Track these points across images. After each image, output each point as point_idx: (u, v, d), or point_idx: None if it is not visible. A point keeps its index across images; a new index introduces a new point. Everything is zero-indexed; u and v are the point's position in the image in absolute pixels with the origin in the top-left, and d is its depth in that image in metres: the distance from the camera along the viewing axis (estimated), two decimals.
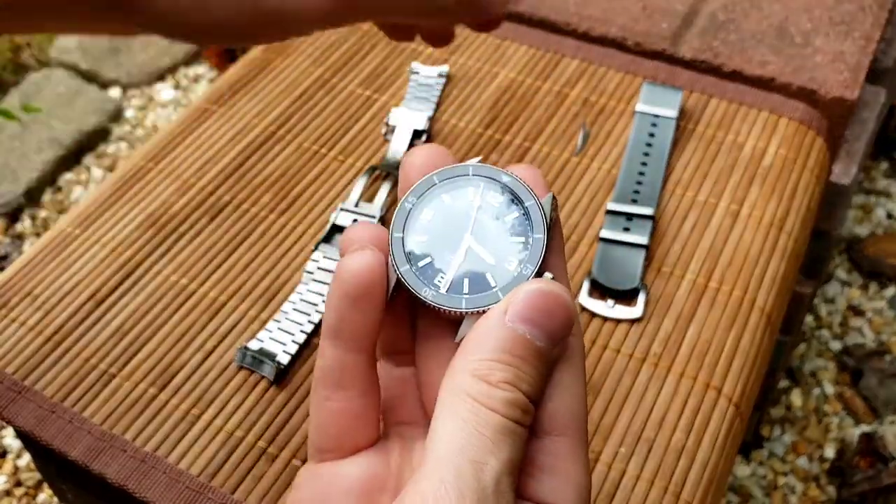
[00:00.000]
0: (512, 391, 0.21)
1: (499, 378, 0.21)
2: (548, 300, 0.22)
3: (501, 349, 0.21)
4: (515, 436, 0.21)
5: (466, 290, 0.23)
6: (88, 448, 0.40)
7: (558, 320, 0.22)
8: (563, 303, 0.22)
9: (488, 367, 0.21)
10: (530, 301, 0.22)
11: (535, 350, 0.22)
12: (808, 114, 0.53)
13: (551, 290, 0.22)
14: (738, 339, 0.43)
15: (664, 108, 0.53)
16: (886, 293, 1.08)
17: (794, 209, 0.49)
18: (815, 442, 0.96)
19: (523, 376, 0.21)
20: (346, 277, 0.23)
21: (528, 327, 0.22)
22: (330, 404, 0.24)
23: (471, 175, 0.24)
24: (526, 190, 0.24)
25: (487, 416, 0.21)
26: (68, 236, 0.49)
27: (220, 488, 0.39)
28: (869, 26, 0.58)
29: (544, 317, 0.22)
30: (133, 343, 0.44)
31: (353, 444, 0.24)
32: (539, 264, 0.23)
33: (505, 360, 0.21)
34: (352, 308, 0.23)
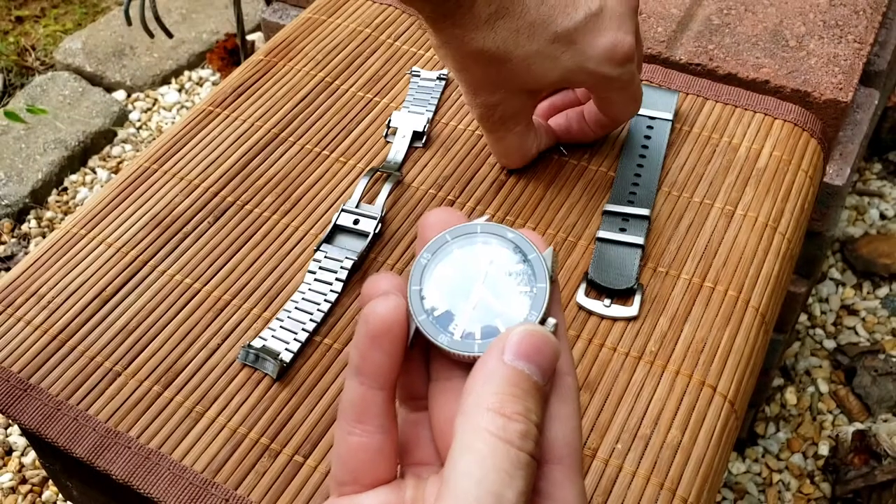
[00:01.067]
0: (525, 422, 0.23)
1: (513, 410, 0.23)
2: (538, 340, 0.24)
3: (509, 384, 0.23)
4: (529, 468, 0.23)
5: (479, 337, 0.25)
6: (93, 445, 0.41)
7: (548, 357, 0.24)
8: (550, 341, 0.24)
9: (501, 401, 0.23)
10: (524, 341, 0.24)
11: (534, 384, 0.24)
12: (802, 116, 0.54)
13: (537, 330, 0.24)
14: (733, 338, 0.44)
15: (660, 111, 0.54)
16: (880, 293, 1.09)
17: (788, 210, 0.50)
18: (809, 439, 0.97)
19: (531, 408, 0.23)
20: (371, 319, 0.25)
21: (526, 364, 0.24)
22: (351, 438, 0.26)
23: (479, 232, 0.27)
24: (529, 245, 0.27)
25: (505, 451, 0.22)
26: (74, 236, 0.49)
27: (223, 484, 0.39)
28: (862, 29, 0.59)
29: (537, 354, 0.24)
30: (138, 341, 0.45)
31: (371, 479, 0.26)
32: (544, 310, 0.25)
33: (513, 394, 0.23)
34: (375, 348, 0.25)
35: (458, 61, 0.43)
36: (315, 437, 0.41)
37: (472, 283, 0.26)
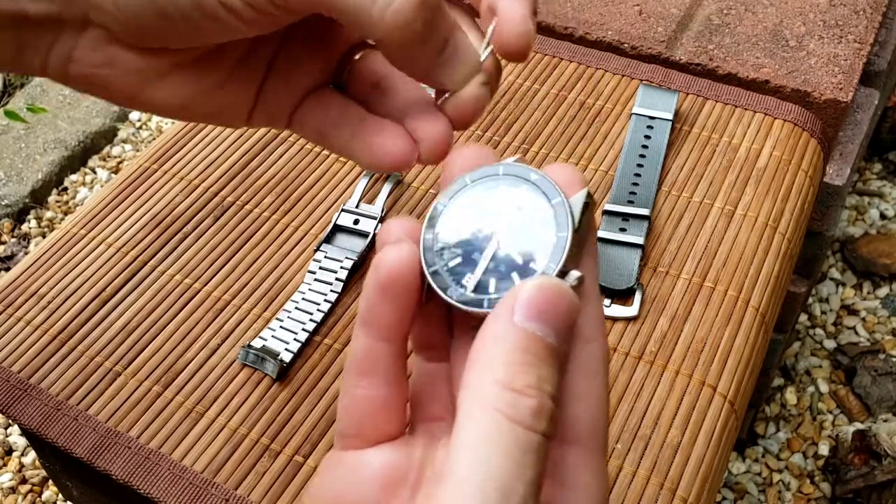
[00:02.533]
0: (539, 396, 0.20)
1: (524, 383, 0.20)
2: (551, 295, 0.21)
3: (520, 350, 0.20)
4: (541, 451, 0.20)
5: (492, 290, 0.23)
6: (93, 445, 0.41)
7: (563, 315, 0.21)
8: (566, 296, 0.21)
9: (511, 372, 0.20)
10: (536, 298, 0.21)
11: (550, 348, 0.21)
12: (802, 116, 0.54)
13: (552, 283, 0.21)
14: (733, 338, 0.44)
15: (660, 111, 0.54)
16: (880, 292, 1.09)
17: (788, 210, 0.50)
18: (809, 439, 0.97)
19: (546, 377, 0.20)
20: (380, 269, 0.23)
21: (539, 325, 0.21)
22: (356, 391, 0.24)
23: (501, 175, 0.24)
24: (553, 188, 0.23)
25: (515, 434, 0.20)
26: (74, 236, 0.49)
27: (223, 484, 0.39)
28: (862, 29, 0.59)
29: (551, 313, 0.21)
30: (138, 341, 0.45)
31: (376, 433, 0.24)
32: (563, 262, 0.22)
33: (525, 362, 0.20)
34: (383, 299, 0.23)
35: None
36: (315, 438, 0.41)
37: (490, 231, 0.23)
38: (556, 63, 0.58)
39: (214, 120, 0.30)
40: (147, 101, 0.28)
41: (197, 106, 0.29)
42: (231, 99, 0.29)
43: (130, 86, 0.28)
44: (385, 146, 0.28)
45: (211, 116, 0.30)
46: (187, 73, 0.28)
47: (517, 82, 0.57)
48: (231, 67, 0.29)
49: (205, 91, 0.29)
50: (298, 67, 0.30)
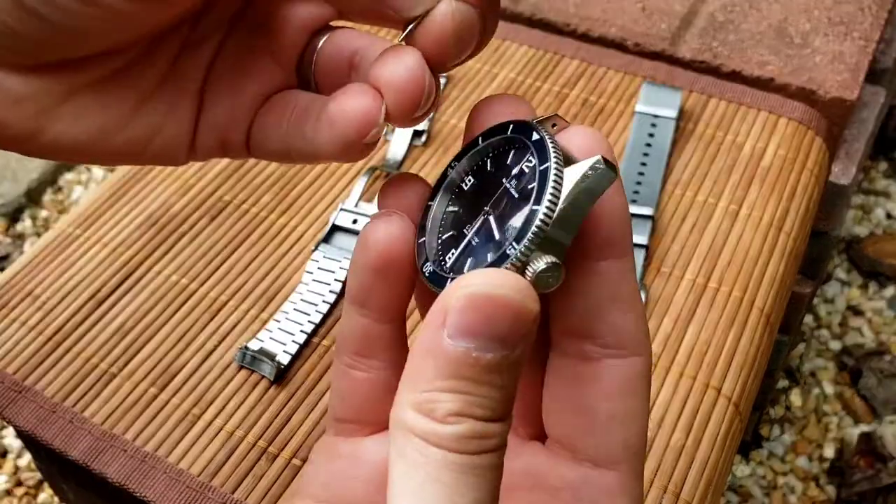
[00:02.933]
0: (462, 423, 0.17)
1: (445, 411, 0.17)
2: (486, 304, 0.17)
3: (444, 374, 0.18)
4: (482, 469, 0.18)
5: (466, 271, 0.20)
6: (89, 448, 0.40)
7: (507, 326, 0.17)
8: (510, 303, 0.17)
9: (431, 398, 0.18)
10: (466, 309, 0.17)
11: (485, 366, 0.18)
12: (808, 114, 0.54)
13: (487, 290, 0.17)
14: (738, 339, 0.43)
15: (663, 109, 0.53)
16: (886, 293, 1.08)
17: (793, 209, 0.49)
18: (814, 442, 0.96)
19: (476, 401, 0.18)
20: (368, 246, 0.20)
21: (471, 341, 0.17)
22: (354, 373, 0.22)
23: (509, 134, 0.20)
24: (550, 151, 0.19)
25: (441, 458, 0.17)
26: (69, 236, 0.49)
27: (220, 488, 0.39)
28: (868, 26, 0.58)
29: (487, 324, 0.17)
30: (133, 343, 0.44)
31: (375, 419, 0.22)
32: (524, 246, 0.18)
33: (450, 388, 0.18)
34: (376, 278, 0.20)
35: None
36: (313, 440, 0.40)
37: (485, 201, 0.20)
38: (559, 60, 0.58)
39: (145, 156, 0.23)
40: (48, 140, 0.22)
41: (116, 138, 0.22)
42: (159, 123, 0.23)
43: (23, 120, 0.21)
44: (343, 111, 0.21)
45: (138, 151, 0.23)
46: (95, 95, 0.22)
47: (518, 79, 0.57)
48: (153, 84, 0.22)
49: (123, 116, 0.22)
50: (244, 71, 0.23)
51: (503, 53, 0.58)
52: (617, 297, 0.20)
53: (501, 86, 0.56)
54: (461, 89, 0.56)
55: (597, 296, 0.20)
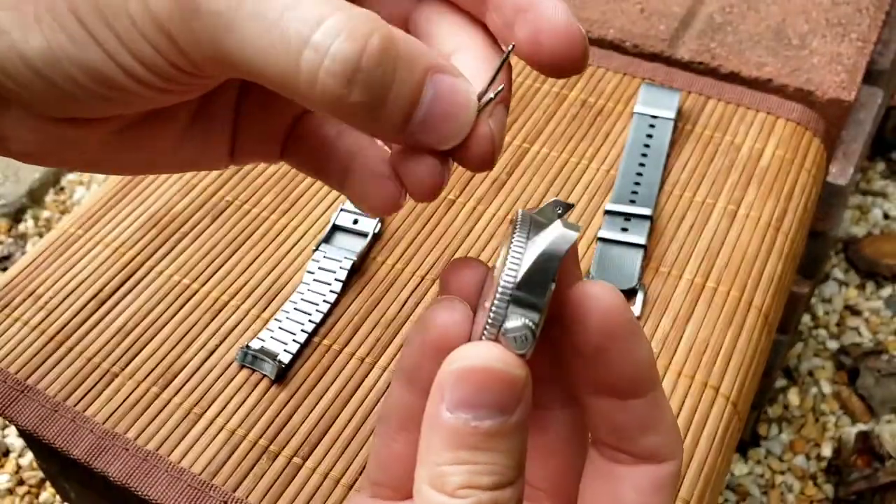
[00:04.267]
0: (472, 495, 0.18)
1: (454, 485, 0.18)
2: (471, 375, 0.19)
3: (449, 446, 0.19)
4: None
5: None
6: (91, 447, 0.40)
7: (495, 390, 0.19)
8: (489, 371, 0.19)
9: (441, 472, 0.19)
10: (456, 382, 0.19)
11: (485, 434, 0.19)
12: (805, 115, 0.54)
13: (469, 364, 0.19)
14: (736, 339, 0.44)
15: (662, 110, 0.53)
16: (883, 293, 1.08)
17: (791, 209, 0.50)
18: (812, 441, 0.96)
19: (482, 468, 0.19)
20: (428, 329, 0.21)
21: (467, 412, 0.19)
22: (395, 445, 0.23)
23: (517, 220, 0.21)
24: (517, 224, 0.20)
25: None
26: (71, 236, 0.49)
27: (221, 486, 0.39)
28: (866, 28, 0.59)
29: (478, 394, 0.19)
30: (135, 342, 0.44)
31: (410, 488, 0.23)
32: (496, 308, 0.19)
33: (456, 460, 0.19)
34: (430, 360, 0.21)
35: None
36: (314, 440, 0.40)
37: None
38: None
39: (192, 168, 0.26)
40: (112, 167, 0.25)
41: (166, 161, 0.25)
42: (198, 152, 0.25)
43: (80, 156, 0.24)
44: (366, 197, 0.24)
45: (187, 166, 0.26)
46: (137, 136, 0.24)
47: (518, 80, 0.57)
48: (186, 121, 0.25)
49: (168, 148, 0.25)
50: (272, 98, 0.25)
51: None
52: (646, 426, 0.22)
53: None
54: None
55: (627, 427, 0.22)
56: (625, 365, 0.21)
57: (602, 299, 0.21)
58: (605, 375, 0.21)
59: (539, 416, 0.23)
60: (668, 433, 0.22)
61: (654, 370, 0.22)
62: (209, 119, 0.25)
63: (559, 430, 0.23)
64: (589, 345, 0.21)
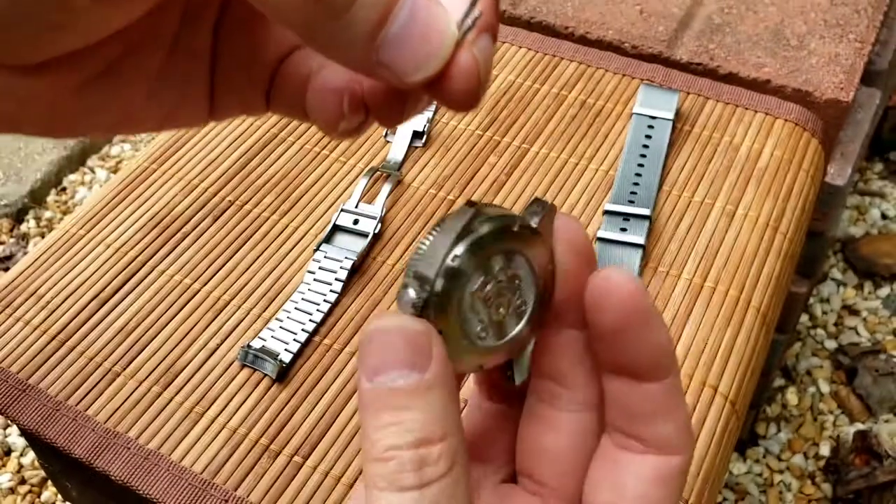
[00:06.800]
0: (396, 455, 0.19)
1: (382, 448, 0.19)
2: (374, 339, 0.19)
3: (374, 414, 0.19)
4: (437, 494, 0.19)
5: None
6: (92, 446, 0.41)
7: (398, 347, 0.19)
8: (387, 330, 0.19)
9: (372, 441, 0.19)
10: (366, 352, 0.19)
11: (402, 392, 0.19)
12: (804, 115, 0.54)
13: (369, 329, 0.19)
14: (734, 339, 0.44)
15: (661, 110, 0.53)
16: (881, 293, 1.09)
17: (789, 210, 0.50)
18: (810, 440, 0.96)
19: (403, 427, 0.19)
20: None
21: (382, 377, 0.19)
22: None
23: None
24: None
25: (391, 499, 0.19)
26: (73, 236, 0.49)
27: (223, 485, 0.39)
28: (864, 29, 0.59)
29: (383, 355, 0.19)
30: (137, 342, 0.44)
31: None
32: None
33: (380, 424, 0.19)
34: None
35: None
36: (314, 438, 0.41)
37: None
38: (557, 62, 0.58)
39: (169, 125, 0.24)
40: (82, 126, 0.22)
41: (140, 118, 0.23)
42: (176, 100, 0.23)
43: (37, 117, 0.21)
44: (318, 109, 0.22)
45: (163, 123, 0.24)
46: (105, 88, 0.22)
47: (517, 81, 0.57)
48: (157, 66, 0.22)
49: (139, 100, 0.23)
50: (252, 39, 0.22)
51: (502, 56, 0.59)
52: (659, 411, 0.22)
53: (500, 87, 0.57)
54: None
55: (640, 411, 0.22)
56: (642, 347, 0.21)
57: (622, 284, 0.21)
58: (622, 356, 0.22)
59: (553, 416, 0.24)
60: (680, 427, 0.22)
61: (671, 358, 0.22)
62: (183, 66, 0.23)
63: (572, 430, 0.24)
64: (607, 326, 0.21)
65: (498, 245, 0.21)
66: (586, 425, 0.24)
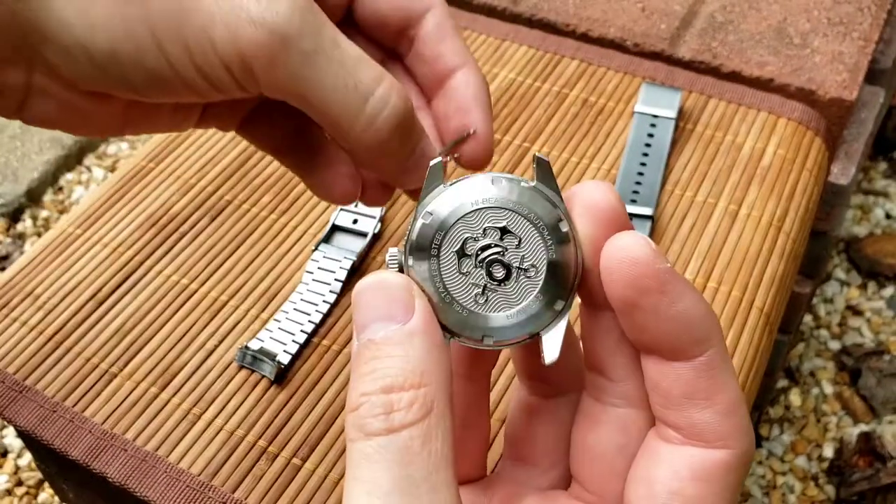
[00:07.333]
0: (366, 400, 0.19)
1: (357, 395, 0.19)
2: (357, 299, 0.20)
3: (358, 368, 0.20)
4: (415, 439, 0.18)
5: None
6: (89, 447, 0.40)
7: (376, 301, 0.20)
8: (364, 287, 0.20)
9: (352, 392, 0.20)
10: (354, 310, 0.21)
11: (381, 342, 0.20)
12: (807, 114, 0.54)
13: (355, 291, 0.21)
14: (737, 339, 0.43)
15: (663, 109, 0.53)
16: (885, 293, 1.08)
17: (792, 209, 0.49)
18: (813, 441, 0.96)
19: (377, 374, 0.19)
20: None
21: (368, 333, 0.20)
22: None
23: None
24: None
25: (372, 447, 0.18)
26: (69, 236, 0.49)
27: (220, 487, 0.39)
28: (867, 27, 0.58)
29: (366, 310, 0.20)
30: (134, 343, 0.44)
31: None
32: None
33: (360, 375, 0.20)
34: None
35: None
36: (313, 440, 0.40)
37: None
38: (558, 60, 0.58)
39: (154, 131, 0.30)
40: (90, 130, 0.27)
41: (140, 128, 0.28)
42: (178, 119, 0.29)
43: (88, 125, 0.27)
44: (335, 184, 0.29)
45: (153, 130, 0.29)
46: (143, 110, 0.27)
47: (518, 80, 0.57)
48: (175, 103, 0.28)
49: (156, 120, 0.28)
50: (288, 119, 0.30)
51: (503, 54, 0.58)
52: (693, 395, 0.20)
53: (501, 86, 0.56)
54: None
55: (672, 394, 0.20)
56: (660, 321, 0.19)
57: (627, 248, 0.19)
58: (644, 332, 0.20)
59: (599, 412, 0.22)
60: (723, 414, 0.20)
61: (703, 332, 0.19)
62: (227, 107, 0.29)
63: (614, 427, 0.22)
64: (620, 297, 0.19)
65: (479, 197, 0.20)
66: (630, 422, 0.21)
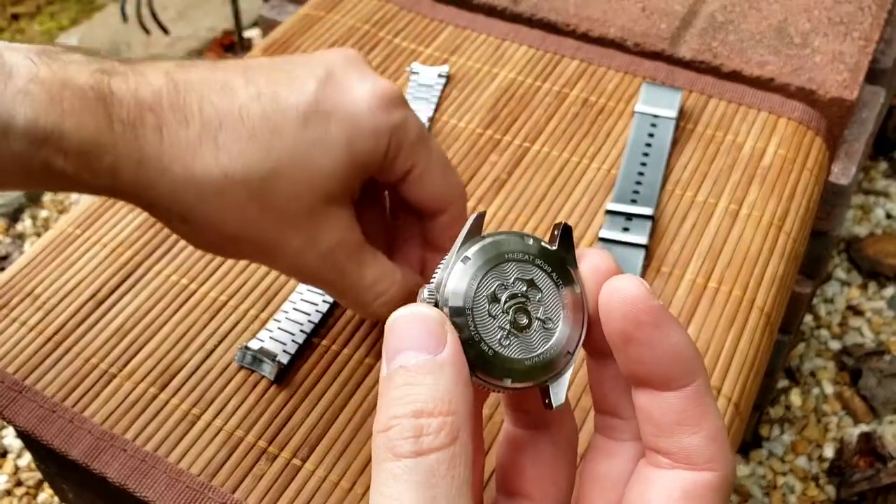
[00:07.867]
0: (396, 423, 0.20)
1: (387, 419, 0.20)
2: (392, 326, 0.22)
3: (388, 394, 0.21)
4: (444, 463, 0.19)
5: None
6: (89, 448, 0.40)
7: (411, 331, 0.21)
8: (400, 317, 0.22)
9: (382, 417, 0.21)
10: (386, 339, 0.22)
11: (413, 370, 0.21)
12: (808, 114, 0.54)
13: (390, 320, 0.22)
14: (738, 339, 0.43)
15: (663, 109, 0.53)
16: (885, 293, 1.08)
17: (793, 209, 0.49)
18: (814, 442, 0.96)
19: (407, 399, 0.20)
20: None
21: (400, 360, 0.21)
22: None
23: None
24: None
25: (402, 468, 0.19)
26: (69, 236, 0.49)
27: (220, 488, 0.39)
28: (868, 26, 0.58)
29: (399, 339, 0.21)
30: (133, 343, 0.44)
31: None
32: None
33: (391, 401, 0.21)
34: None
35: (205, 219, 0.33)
36: (313, 440, 0.40)
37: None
38: (558, 60, 0.58)
39: None
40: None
41: None
42: None
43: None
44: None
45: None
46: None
47: (518, 79, 0.57)
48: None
49: None
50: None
51: (503, 53, 0.58)
52: (682, 422, 0.22)
53: (501, 86, 0.56)
54: (461, 89, 0.56)
55: (662, 422, 0.22)
56: (654, 353, 0.21)
57: (624, 288, 0.22)
58: (637, 365, 0.22)
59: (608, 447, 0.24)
60: (710, 439, 0.21)
61: (690, 364, 0.22)
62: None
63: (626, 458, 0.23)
64: (617, 333, 0.22)
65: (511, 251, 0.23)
66: (637, 452, 0.23)
